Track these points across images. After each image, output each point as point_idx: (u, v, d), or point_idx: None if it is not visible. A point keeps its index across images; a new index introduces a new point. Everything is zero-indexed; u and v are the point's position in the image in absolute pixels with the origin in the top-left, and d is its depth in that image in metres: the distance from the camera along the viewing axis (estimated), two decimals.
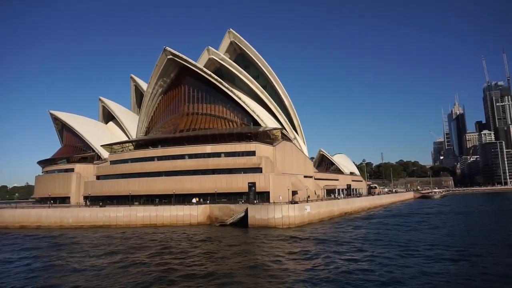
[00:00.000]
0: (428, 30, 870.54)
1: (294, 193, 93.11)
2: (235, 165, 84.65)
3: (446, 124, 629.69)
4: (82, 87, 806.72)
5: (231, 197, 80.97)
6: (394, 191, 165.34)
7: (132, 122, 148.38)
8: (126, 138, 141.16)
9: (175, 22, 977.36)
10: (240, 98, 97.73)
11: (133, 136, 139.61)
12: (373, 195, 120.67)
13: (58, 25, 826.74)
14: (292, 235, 51.04)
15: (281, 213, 60.11)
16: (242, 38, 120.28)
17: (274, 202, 70.07)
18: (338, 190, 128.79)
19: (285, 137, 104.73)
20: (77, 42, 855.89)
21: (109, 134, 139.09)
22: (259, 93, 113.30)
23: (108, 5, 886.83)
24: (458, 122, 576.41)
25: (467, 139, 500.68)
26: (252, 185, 73.30)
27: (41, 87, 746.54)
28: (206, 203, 74.04)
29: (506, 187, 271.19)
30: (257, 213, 61.27)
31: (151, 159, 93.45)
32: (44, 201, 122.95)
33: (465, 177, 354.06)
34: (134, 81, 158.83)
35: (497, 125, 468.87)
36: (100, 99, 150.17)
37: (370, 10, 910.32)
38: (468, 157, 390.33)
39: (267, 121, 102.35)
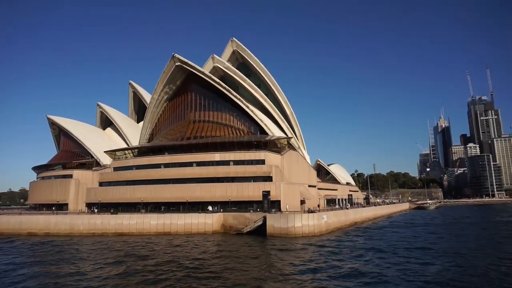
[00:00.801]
0: (416, 45, 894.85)
1: (302, 202, 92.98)
2: (245, 174, 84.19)
3: (431, 137, 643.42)
4: (78, 93, 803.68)
5: (241, 205, 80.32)
6: (390, 202, 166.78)
7: (130, 128, 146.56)
8: (125, 145, 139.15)
9: (175, 30, 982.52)
10: (248, 107, 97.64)
11: (133, 142, 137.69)
12: (374, 205, 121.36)
13: (57, 30, 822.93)
14: (320, 244, 50.85)
15: (301, 222, 59.81)
16: (245, 47, 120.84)
17: (288, 211, 69.62)
18: (339, 200, 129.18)
19: (291, 146, 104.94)
20: (75, 47, 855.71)
21: (108, 140, 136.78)
22: (263, 101, 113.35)
23: (107, 11, 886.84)
24: (444, 135, 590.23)
25: (453, 151, 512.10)
26: (266, 193, 72.97)
27: (36, 92, 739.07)
28: (220, 211, 73.04)
29: (493, 199, 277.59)
30: (276, 222, 60.76)
31: (157, 166, 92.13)
32: (40, 207, 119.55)
33: (452, 188, 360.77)
34: (133, 87, 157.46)
35: (482, 139, 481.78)
36: (98, 105, 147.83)
37: (361, 24, 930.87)
38: (455, 169, 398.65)
39: (273, 130, 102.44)
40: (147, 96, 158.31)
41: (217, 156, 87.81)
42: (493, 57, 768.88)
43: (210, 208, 74.99)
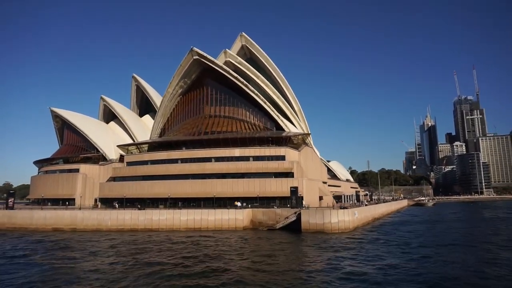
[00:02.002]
0: (404, 46, 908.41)
1: (320, 198, 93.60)
2: (267, 169, 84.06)
3: (418, 135, 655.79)
4: (75, 88, 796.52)
5: (263, 201, 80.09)
6: (394, 198, 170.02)
7: (135, 122, 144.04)
8: (129, 139, 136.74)
9: (176, 27, 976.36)
10: (265, 103, 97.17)
11: (138, 137, 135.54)
12: (377, 202, 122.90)
13: (60, 24, 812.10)
14: (364, 239, 51.25)
15: (337, 218, 60.09)
16: (254, 42, 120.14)
17: (321, 207, 69.93)
18: (345, 196, 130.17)
19: (304, 142, 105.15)
20: (76, 42, 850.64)
21: (112, 134, 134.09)
22: (275, 97, 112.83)
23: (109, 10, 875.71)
24: (430, 134, 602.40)
25: (439, 150, 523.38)
26: (294, 189, 72.91)
27: (32, 86, 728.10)
28: (247, 207, 72.68)
29: (482, 196, 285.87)
30: (312, 218, 60.86)
31: (174, 161, 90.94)
32: (44, 202, 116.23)
33: (439, 186, 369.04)
34: (136, 80, 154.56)
35: (467, 137, 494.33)
36: (101, 98, 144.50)
37: (348, 24, 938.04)
38: (443, 167, 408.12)
39: (289, 126, 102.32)
40: (150, 90, 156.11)
41: (237, 152, 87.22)
42: (480, 58, 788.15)
43: (238, 203, 74.51)
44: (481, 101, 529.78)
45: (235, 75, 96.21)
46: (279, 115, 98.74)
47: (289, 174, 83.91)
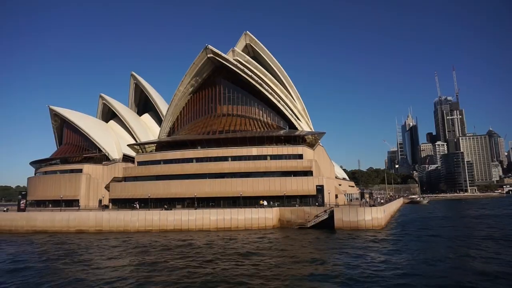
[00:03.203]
0: (387, 46, 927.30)
1: (335, 197, 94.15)
2: (286, 168, 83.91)
3: (399, 135, 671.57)
4: (71, 86, 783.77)
5: (282, 200, 79.81)
6: (390, 197, 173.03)
7: (135, 121, 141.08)
8: (130, 138, 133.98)
9: (177, 23, 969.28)
10: (279, 101, 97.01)
11: (139, 136, 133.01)
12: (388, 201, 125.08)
13: (57, 25, 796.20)
14: (410, 235, 51.93)
15: (371, 215, 60.67)
16: (258, 41, 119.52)
17: (354, 205, 70.38)
18: (349, 195, 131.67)
19: (316, 141, 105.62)
20: (72, 42, 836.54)
21: (112, 133, 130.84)
22: (283, 96, 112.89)
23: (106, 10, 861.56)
24: (411, 133, 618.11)
25: (421, 149, 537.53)
26: (320, 187, 73.15)
27: (27, 86, 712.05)
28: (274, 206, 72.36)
29: (467, 194, 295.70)
30: (345, 216, 61.23)
31: (189, 160, 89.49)
32: (44, 204, 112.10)
33: (423, 184, 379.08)
34: (135, 78, 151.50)
35: (447, 137, 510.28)
36: (101, 96, 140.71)
37: (330, 23, 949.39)
38: (426, 166, 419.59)
39: (302, 125, 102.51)
40: (150, 88, 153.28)
41: (254, 151, 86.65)
42: (460, 60, 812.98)
43: (265, 203, 73.96)
44: (461, 102, 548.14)
45: (250, 73, 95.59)
46: (292, 113, 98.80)
47: (308, 173, 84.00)
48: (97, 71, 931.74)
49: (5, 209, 77.54)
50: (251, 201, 78.57)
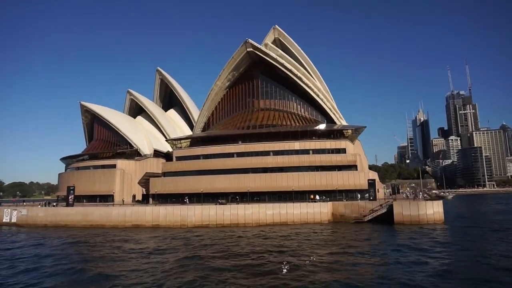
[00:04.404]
0: (398, 42, 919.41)
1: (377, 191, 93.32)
2: (331, 162, 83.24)
3: (410, 130, 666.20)
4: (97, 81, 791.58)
5: (330, 194, 79.15)
6: (415, 192, 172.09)
7: (163, 117, 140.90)
8: (159, 133, 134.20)
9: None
10: (318, 96, 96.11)
11: (168, 131, 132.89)
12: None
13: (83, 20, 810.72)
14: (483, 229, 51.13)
15: (432, 209, 59.89)
16: (287, 36, 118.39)
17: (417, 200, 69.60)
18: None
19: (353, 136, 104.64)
20: (96, 35, 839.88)
21: (142, 128, 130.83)
22: (316, 91, 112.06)
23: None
24: (423, 128, 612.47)
25: (433, 144, 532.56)
26: (372, 182, 72.52)
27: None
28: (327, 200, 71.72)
29: (486, 189, 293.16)
30: (405, 210, 60.44)
31: (230, 155, 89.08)
32: (78, 199, 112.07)
33: (437, 179, 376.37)
34: (161, 74, 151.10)
35: (460, 132, 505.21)
36: (128, 92, 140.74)
37: (340, 16, 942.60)
38: (440, 161, 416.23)
39: (340, 120, 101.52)
40: (176, 84, 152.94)
41: (296, 145, 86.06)
42: (473, 54, 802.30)
43: (317, 197, 73.43)
44: (474, 96, 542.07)
45: (289, 67, 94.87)
46: (331, 107, 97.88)
47: (352, 167, 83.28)
48: (117, 68, 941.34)
49: (54, 203, 77.84)
50: (297, 196, 78.16)
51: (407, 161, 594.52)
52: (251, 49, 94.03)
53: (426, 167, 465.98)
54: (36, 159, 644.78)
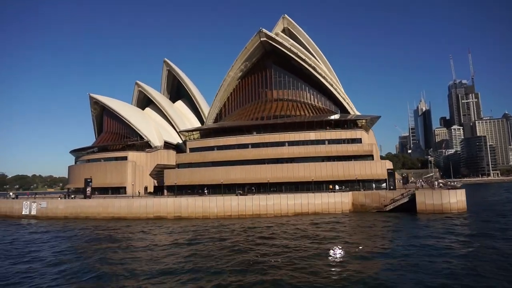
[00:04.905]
0: (399, 31, 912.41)
1: None
2: (347, 152, 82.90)
3: (411, 119, 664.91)
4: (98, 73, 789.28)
5: (347, 184, 79.13)
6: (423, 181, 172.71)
7: (171, 108, 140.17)
8: (168, 125, 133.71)
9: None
10: (332, 85, 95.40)
11: (177, 123, 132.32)
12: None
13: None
14: None
15: (455, 198, 59.83)
16: (297, 25, 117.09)
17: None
18: None
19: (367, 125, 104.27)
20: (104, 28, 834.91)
21: (151, 120, 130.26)
22: (329, 80, 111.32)
23: None
24: (425, 118, 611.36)
25: (436, 133, 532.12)
26: (391, 171, 72.49)
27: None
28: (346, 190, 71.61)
29: (491, 178, 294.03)
30: (428, 199, 60.34)
31: (245, 146, 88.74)
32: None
33: (440, 169, 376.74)
34: (168, 65, 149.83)
35: (463, 121, 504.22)
36: (136, 83, 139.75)
37: (340, 6, 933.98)
38: (443, 150, 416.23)
39: (354, 109, 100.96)
40: (183, 75, 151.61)
41: (312, 135, 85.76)
42: (475, 43, 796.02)
43: (337, 187, 73.37)
44: (476, 85, 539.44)
45: (303, 57, 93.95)
46: (345, 97, 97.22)
47: (368, 157, 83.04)
48: (121, 60, 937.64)
49: (72, 196, 77.78)
50: (314, 186, 78.18)
51: (409, 151, 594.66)
52: (265, 39, 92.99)
53: (428, 156, 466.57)
54: (37, 152, 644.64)
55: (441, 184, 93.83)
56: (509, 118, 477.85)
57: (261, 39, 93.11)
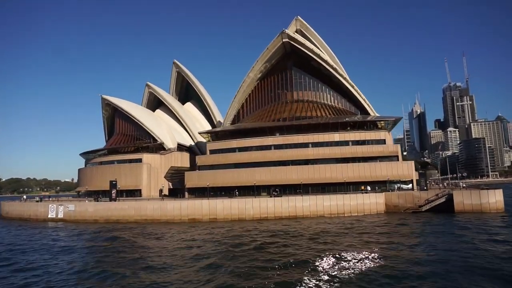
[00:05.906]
0: (394, 33, 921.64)
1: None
2: (372, 153, 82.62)
3: (406, 122, 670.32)
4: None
5: (374, 185, 78.69)
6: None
7: (182, 110, 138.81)
8: (179, 127, 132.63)
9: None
10: (353, 87, 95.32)
11: (189, 125, 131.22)
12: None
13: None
14: None
15: (494, 198, 59.91)
16: (309, 27, 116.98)
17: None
18: None
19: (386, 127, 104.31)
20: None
21: (162, 122, 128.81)
22: (345, 83, 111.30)
23: None
24: (420, 120, 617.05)
25: (431, 136, 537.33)
26: (423, 172, 72.43)
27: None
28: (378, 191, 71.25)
29: (490, 179, 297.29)
30: (466, 199, 60.41)
31: (268, 147, 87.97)
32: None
33: (438, 171, 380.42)
34: (178, 67, 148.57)
35: (457, 123, 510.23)
36: (147, 85, 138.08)
37: (334, 8, 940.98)
38: (440, 152, 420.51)
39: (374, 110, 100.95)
40: (193, 77, 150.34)
41: (336, 136, 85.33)
42: (470, 45, 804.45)
43: (368, 188, 73.00)
44: (471, 88, 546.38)
45: (325, 58, 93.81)
46: (365, 98, 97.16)
47: (393, 158, 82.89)
48: (130, 63, 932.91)
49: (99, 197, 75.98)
50: (341, 188, 77.68)
51: (404, 153, 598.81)
52: (287, 40, 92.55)
53: (424, 158, 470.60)
54: (32, 155, 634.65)
55: (463, 185, 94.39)
56: (502, 120, 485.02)
57: (283, 40, 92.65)
